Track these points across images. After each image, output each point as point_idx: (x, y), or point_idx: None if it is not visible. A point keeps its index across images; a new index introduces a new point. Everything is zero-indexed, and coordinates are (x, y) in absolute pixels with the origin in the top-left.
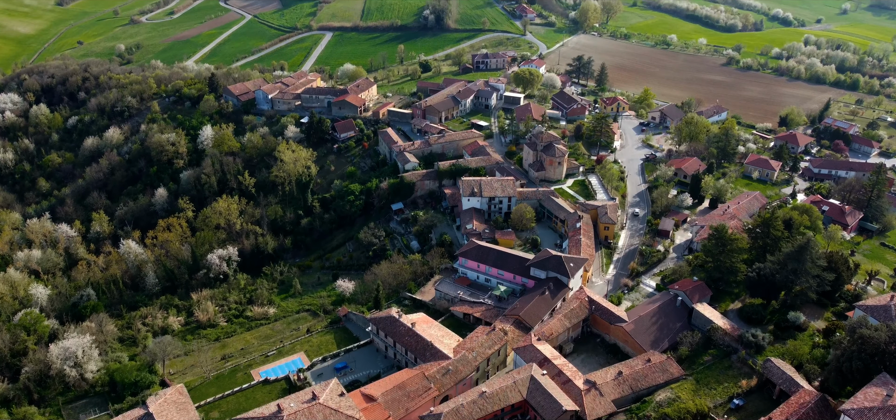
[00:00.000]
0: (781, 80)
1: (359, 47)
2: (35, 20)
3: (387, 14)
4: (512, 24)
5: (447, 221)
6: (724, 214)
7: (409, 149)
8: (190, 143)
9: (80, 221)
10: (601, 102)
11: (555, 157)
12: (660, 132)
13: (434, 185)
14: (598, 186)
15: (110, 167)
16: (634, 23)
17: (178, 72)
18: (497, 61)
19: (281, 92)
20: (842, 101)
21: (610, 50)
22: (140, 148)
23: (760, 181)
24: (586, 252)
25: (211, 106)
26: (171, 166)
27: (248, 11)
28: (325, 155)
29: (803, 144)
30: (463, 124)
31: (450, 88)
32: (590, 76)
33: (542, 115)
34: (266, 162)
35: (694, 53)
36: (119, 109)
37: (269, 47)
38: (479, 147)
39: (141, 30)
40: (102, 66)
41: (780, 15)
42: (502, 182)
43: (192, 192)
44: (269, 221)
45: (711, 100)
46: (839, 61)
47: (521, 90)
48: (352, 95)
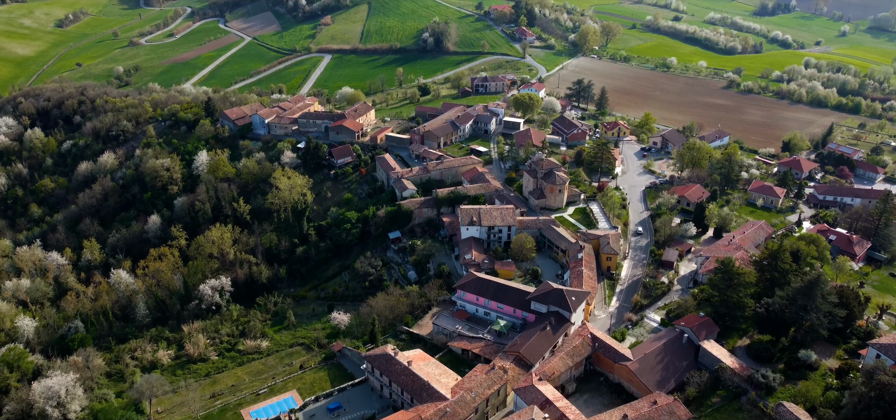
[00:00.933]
0: (783, 103)
1: (358, 70)
2: (34, 42)
3: (386, 37)
4: (511, 47)
5: (445, 251)
6: (730, 245)
7: (406, 175)
8: (185, 168)
9: (72, 249)
10: (602, 127)
11: (555, 184)
12: (661, 157)
13: (432, 213)
14: (599, 214)
15: (103, 193)
16: (634, 45)
17: (175, 95)
18: (496, 85)
19: (278, 116)
20: (844, 125)
21: (610, 73)
22: (134, 173)
23: (765, 208)
24: (588, 284)
25: (207, 130)
26: (166, 192)
27: (247, 34)
28: (322, 181)
29: (807, 170)
30: (462, 150)
31: (448, 113)
32: (590, 100)
33: (543, 141)
34: (261, 188)
35: (694, 76)
36: (114, 133)
37: (267, 70)
38: (478, 174)
39: (140, 52)
40: (99, 89)
41: (779, 37)
42: (502, 211)
43: (186, 220)
44: (264, 250)
45: (713, 124)
46: (840, 84)
47: (520, 115)
48: (349, 120)
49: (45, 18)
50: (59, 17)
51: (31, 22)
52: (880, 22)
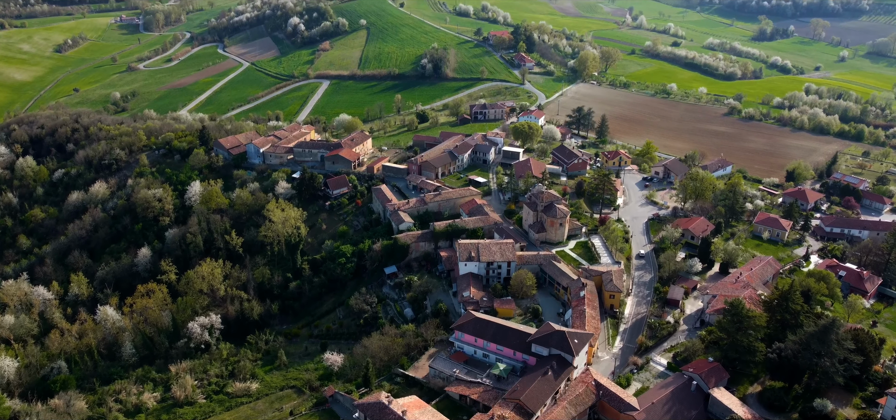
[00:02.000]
0: (785, 130)
1: (356, 96)
2: (33, 67)
3: (384, 63)
4: (510, 73)
5: (443, 287)
6: (737, 282)
7: (403, 207)
8: (177, 198)
9: (60, 282)
10: (602, 156)
11: (556, 218)
12: (664, 187)
13: (429, 247)
14: (601, 249)
15: (94, 224)
16: (633, 71)
17: (170, 123)
18: (495, 112)
19: (273, 145)
20: (848, 154)
21: (609, 99)
22: (126, 203)
23: (771, 241)
24: (591, 324)
25: (201, 160)
26: (157, 223)
27: (246, 59)
28: (317, 212)
29: (813, 201)
30: (460, 180)
31: (447, 143)
32: (590, 128)
33: (543, 172)
34: (255, 220)
35: (694, 103)
36: (107, 162)
37: (265, 96)
38: (476, 206)
39: (138, 77)
40: (93, 116)
41: (778, 63)
42: (501, 246)
43: (177, 252)
44: (256, 284)
45: (715, 152)
46: (842, 111)
47: (520, 144)
48: (346, 150)
49: (44, 43)
50: (58, 43)
51: (30, 47)
52: (879, 47)
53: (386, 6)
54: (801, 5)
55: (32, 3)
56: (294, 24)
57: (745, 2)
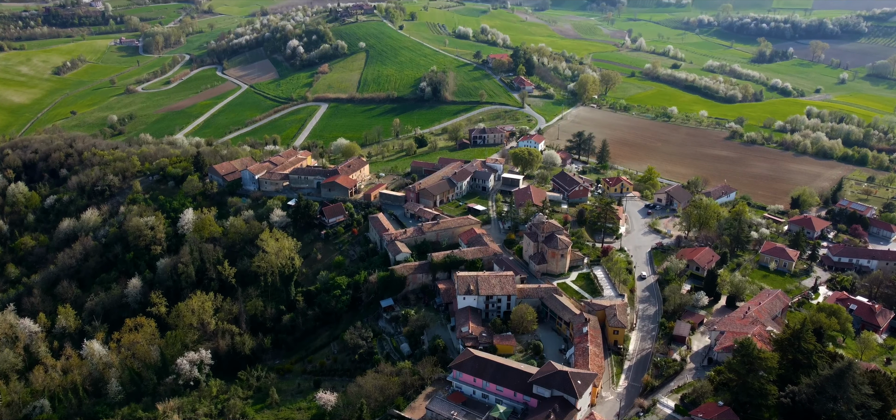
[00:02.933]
0: (787, 154)
1: (354, 119)
2: (31, 89)
3: (383, 85)
4: (510, 96)
5: (441, 321)
6: (745, 317)
7: (400, 237)
8: (170, 226)
9: (47, 313)
10: (604, 182)
11: (557, 249)
12: (667, 215)
13: (427, 279)
14: (604, 281)
15: (84, 253)
16: (633, 94)
17: (165, 148)
18: (495, 136)
19: (268, 172)
20: (853, 179)
21: (610, 123)
22: (117, 231)
23: (778, 272)
24: (595, 363)
25: (195, 187)
26: (149, 252)
27: (244, 81)
28: (312, 241)
29: (819, 229)
30: (459, 208)
31: (445, 169)
32: (591, 152)
33: (543, 201)
34: (248, 250)
35: (696, 126)
36: (100, 188)
37: (263, 119)
38: (475, 235)
39: (136, 99)
40: (88, 141)
41: (778, 85)
42: (501, 279)
43: (168, 283)
44: (249, 317)
45: (717, 177)
46: (845, 134)
47: (519, 170)
48: (342, 176)
49: (43, 66)
50: (57, 65)
51: (29, 69)
52: (878, 69)
53: (385, 29)
54: (799, 28)
55: (32, 25)
56: (293, 46)
57: (744, 24)
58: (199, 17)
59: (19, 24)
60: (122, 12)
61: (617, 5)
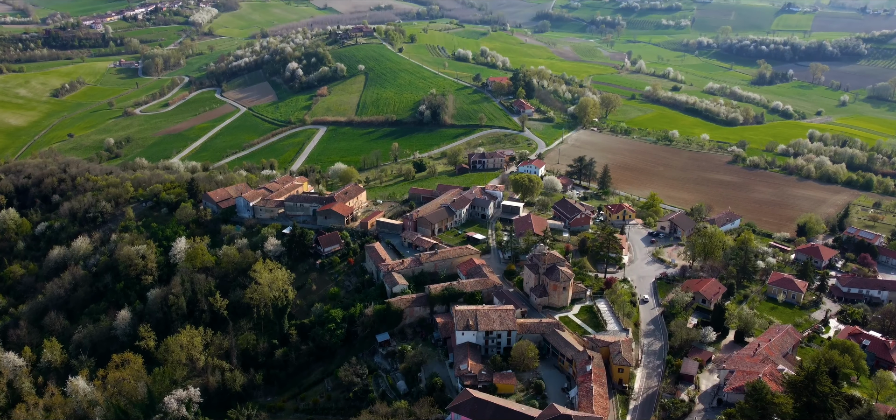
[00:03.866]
0: (791, 179)
1: (353, 143)
2: (28, 112)
3: (382, 109)
4: (509, 119)
5: (439, 357)
6: (755, 355)
7: (397, 268)
8: (162, 255)
9: (34, 346)
10: (606, 209)
11: (559, 282)
12: (671, 243)
13: (425, 312)
14: (607, 314)
15: (73, 282)
16: (634, 117)
17: (159, 173)
18: (494, 161)
19: (263, 199)
20: (859, 204)
21: (611, 147)
22: (108, 260)
23: (787, 304)
24: (599, 404)
25: (188, 214)
26: (139, 282)
27: (243, 104)
28: (307, 271)
29: (827, 258)
30: (458, 237)
31: (443, 197)
32: (592, 177)
33: (544, 230)
34: (240, 282)
35: (697, 150)
36: (92, 215)
37: (260, 142)
38: (475, 266)
39: (134, 122)
40: (82, 166)
41: (779, 108)
42: (501, 313)
43: (158, 315)
44: (240, 351)
45: (721, 202)
46: (848, 158)
47: (519, 197)
48: (339, 204)
49: (41, 88)
50: (56, 87)
51: (27, 92)
52: (879, 91)
53: (384, 51)
54: (799, 49)
55: (32, 47)
56: (292, 69)
57: (744, 46)
58: (200, 39)
59: (19, 47)
60: (122, 35)
61: (616, 27)
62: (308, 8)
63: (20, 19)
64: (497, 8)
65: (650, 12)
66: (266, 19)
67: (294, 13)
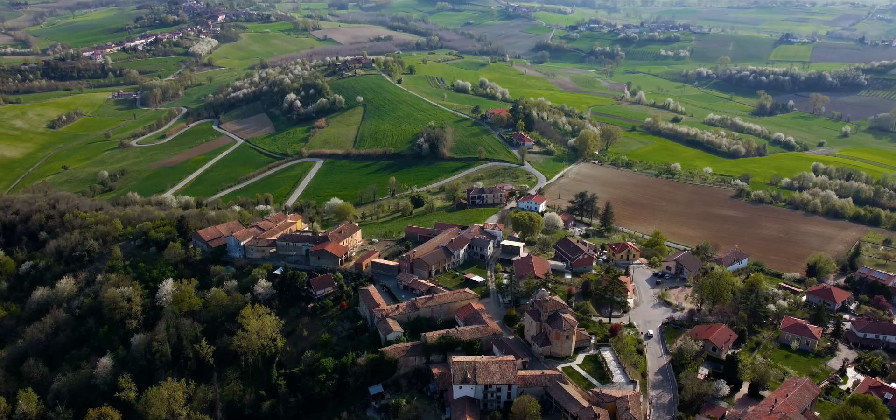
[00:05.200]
0: (797, 214)
1: (350, 176)
2: (24, 144)
3: (380, 141)
4: (509, 152)
5: (435, 411)
6: (773, 412)
7: (392, 314)
8: (148, 297)
9: (10, 395)
10: (609, 249)
11: (562, 330)
12: (677, 285)
13: (420, 362)
14: (613, 364)
15: (55, 326)
16: (635, 149)
17: (149, 210)
18: (494, 196)
19: (255, 238)
20: (869, 241)
21: (612, 181)
22: (92, 302)
23: (801, 351)
24: None
25: (176, 254)
26: (124, 326)
27: (240, 136)
28: (298, 316)
29: (840, 300)
30: (456, 279)
31: (441, 237)
32: (594, 214)
33: (546, 273)
34: (228, 328)
35: (700, 184)
36: (78, 254)
37: (256, 175)
38: (473, 312)
39: (129, 154)
40: (72, 201)
41: (781, 139)
42: (501, 365)
43: (142, 362)
44: (226, 404)
45: (726, 239)
46: (854, 192)
47: (520, 235)
48: (332, 244)
49: (38, 119)
50: (53, 118)
51: (23, 123)
52: (880, 122)
53: (383, 83)
54: (799, 80)
55: (31, 78)
56: (290, 100)
57: (743, 77)
58: (199, 70)
59: (18, 78)
60: (121, 65)
61: (615, 58)
62: (308, 39)
63: (21, 50)
64: (496, 39)
65: (649, 43)
66: (266, 50)
67: (294, 44)
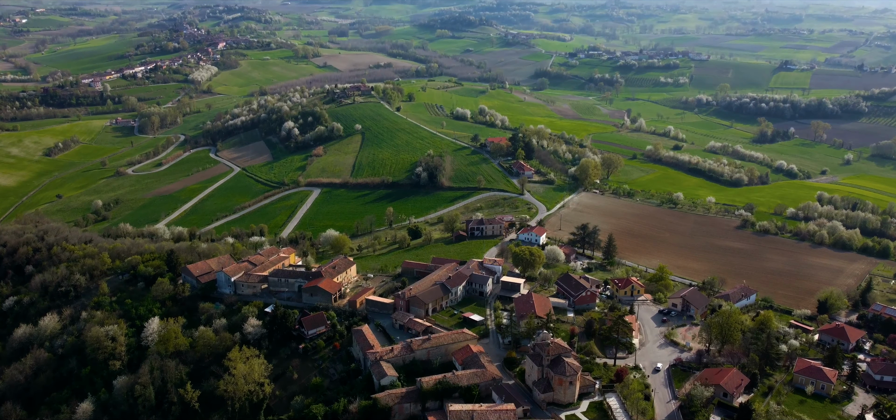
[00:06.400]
0: (804, 245)
1: (347, 206)
2: (19, 172)
3: (378, 170)
4: (509, 182)
5: None
6: None
7: (386, 356)
8: (133, 336)
9: None
10: (613, 284)
11: (565, 375)
12: (684, 323)
13: (416, 409)
14: (619, 412)
15: (35, 367)
16: (636, 177)
17: (139, 242)
18: (493, 228)
19: (246, 274)
20: (879, 275)
21: (614, 211)
22: (75, 341)
23: (816, 396)
24: None
25: (164, 290)
26: (107, 367)
27: (237, 164)
28: (289, 357)
29: (854, 340)
30: (454, 318)
31: (438, 273)
32: (596, 246)
33: (548, 313)
34: (214, 371)
35: (704, 214)
36: (64, 290)
37: (252, 205)
38: (471, 355)
39: (125, 182)
40: (60, 233)
41: (783, 167)
42: (500, 415)
43: (124, 407)
44: None
45: (732, 272)
46: (861, 223)
47: (520, 270)
48: (326, 280)
49: (34, 147)
50: (49, 146)
51: (19, 151)
52: (882, 149)
53: (382, 110)
54: (799, 107)
55: (29, 105)
56: (288, 128)
57: (744, 104)
58: (198, 97)
59: (16, 105)
60: (120, 92)
61: (615, 85)
62: (308, 66)
63: (21, 77)
64: (496, 66)
65: (648, 70)
66: (266, 77)
67: (294, 71)
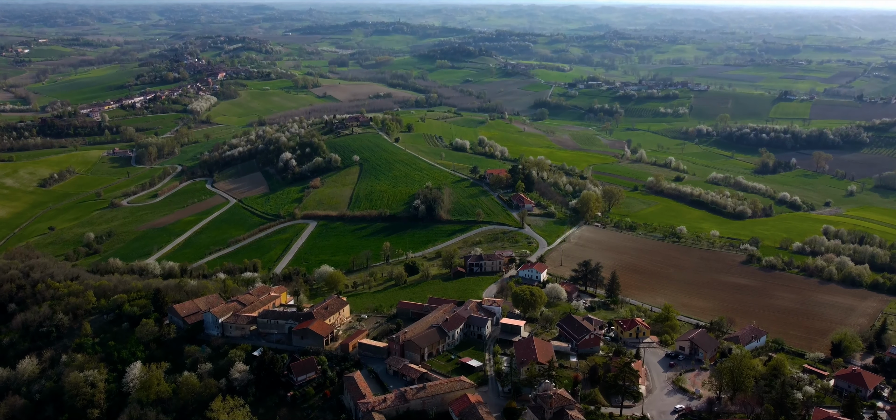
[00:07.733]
0: (812, 282)
1: (343, 240)
2: (13, 203)
3: (376, 202)
4: (508, 215)
5: None
6: None
7: (379, 406)
8: (113, 382)
9: None
10: (617, 326)
11: None
12: (692, 367)
13: None
14: None
15: (10, 415)
16: (638, 210)
17: (126, 279)
18: (492, 264)
19: (234, 315)
20: (891, 313)
21: (616, 245)
22: (54, 386)
23: None
24: None
25: (149, 331)
26: (85, 416)
27: (233, 195)
28: (276, 405)
29: (872, 386)
30: (451, 363)
31: (435, 314)
32: (599, 284)
33: (550, 360)
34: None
35: (708, 248)
36: (46, 330)
37: (247, 238)
38: (469, 405)
39: (119, 214)
40: (46, 269)
41: (787, 198)
42: None
43: None
44: None
45: (740, 311)
46: (869, 257)
47: (520, 311)
48: (317, 322)
49: (29, 178)
50: (44, 177)
51: (14, 182)
52: (886, 181)
53: (380, 141)
54: (800, 138)
55: (27, 135)
56: (285, 159)
57: (744, 134)
58: (197, 127)
59: (13, 135)
60: (118, 123)
61: (614, 116)
62: (307, 96)
63: (20, 107)
64: (495, 96)
65: (647, 100)
66: (265, 107)
67: (293, 101)
